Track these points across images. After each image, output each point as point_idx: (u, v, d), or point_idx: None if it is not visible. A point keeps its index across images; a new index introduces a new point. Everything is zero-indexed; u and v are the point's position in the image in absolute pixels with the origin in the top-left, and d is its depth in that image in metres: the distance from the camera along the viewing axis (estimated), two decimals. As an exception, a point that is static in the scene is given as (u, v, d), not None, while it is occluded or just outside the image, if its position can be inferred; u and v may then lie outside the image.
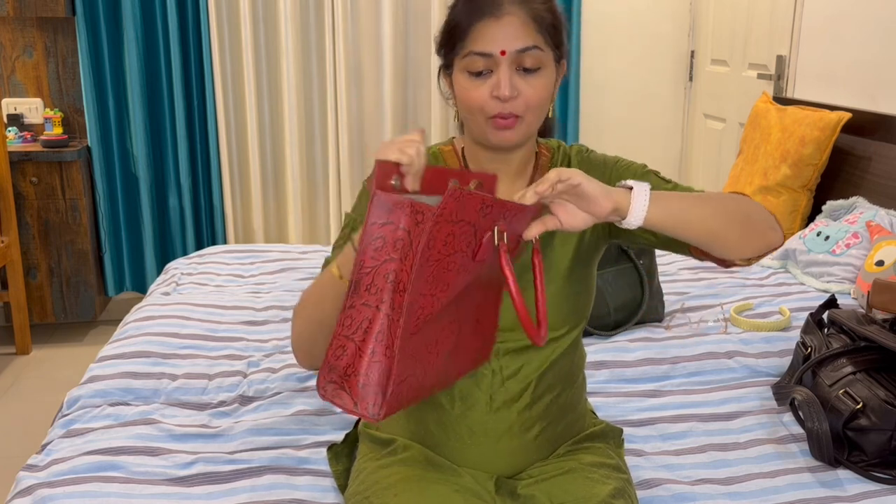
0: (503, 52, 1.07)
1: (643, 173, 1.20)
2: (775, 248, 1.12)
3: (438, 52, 1.17)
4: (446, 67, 1.16)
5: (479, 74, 1.09)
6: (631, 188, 1.00)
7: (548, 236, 1.18)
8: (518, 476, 1.21)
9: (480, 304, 1.01)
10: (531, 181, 1.22)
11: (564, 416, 1.24)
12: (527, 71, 1.09)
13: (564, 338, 1.21)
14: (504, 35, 1.07)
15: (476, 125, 1.13)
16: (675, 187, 1.17)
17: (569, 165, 1.24)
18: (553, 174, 0.95)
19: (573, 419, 1.27)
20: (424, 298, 0.91)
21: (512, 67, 1.08)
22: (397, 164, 0.94)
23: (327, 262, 1.15)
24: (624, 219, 0.99)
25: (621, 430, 1.36)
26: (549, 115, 1.18)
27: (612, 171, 1.21)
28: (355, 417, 1.53)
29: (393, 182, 0.94)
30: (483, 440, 1.19)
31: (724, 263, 1.12)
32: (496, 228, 0.94)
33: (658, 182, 1.18)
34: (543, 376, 1.20)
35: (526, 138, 1.15)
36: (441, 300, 0.92)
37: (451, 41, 1.12)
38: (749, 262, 1.11)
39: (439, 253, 0.90)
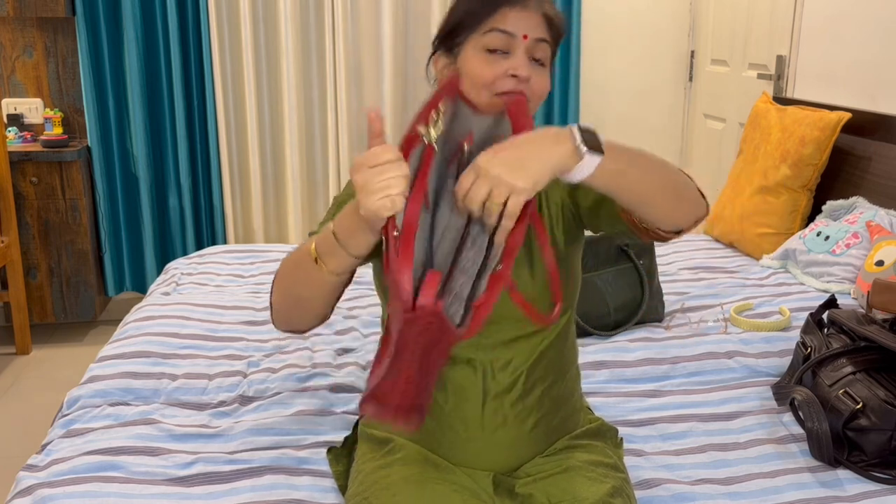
0: (525, 37, 1.11)
1: None
2: (702, 219, 1.12)
3: (442, 35, 1.18)
4: (450, 49, 1.17)
5: (493, 52, 1.12)
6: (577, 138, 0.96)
7: (531, 237, 1.19)
8: (516, 475, 1.22)
9: None
10: None
11: (558, 408, 1.25)
12: (536, 62, 1.13)
13: (551, 328, 1.22)
14: (527, 22, 1.12)
15: (479, 101, 1.13)
16: None
17: None
18: (468, 176, 0.94)
19: (568, 412, 1.27)
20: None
21: (527, 55, 1.12)
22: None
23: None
24: (580, 159, 0.95)
25: (617, 430, 1.36)
26: None
27: None
28: (355, 418, 1.53)
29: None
30: (478, 433, 1.20)
31: (657, 236, 1.10)
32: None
33: None
34: (534, 367, 1.21)
35: None
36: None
37: (469, 21, 1.14)
38: (679, 234, 1.10)
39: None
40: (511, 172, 0.92)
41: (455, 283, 0.98)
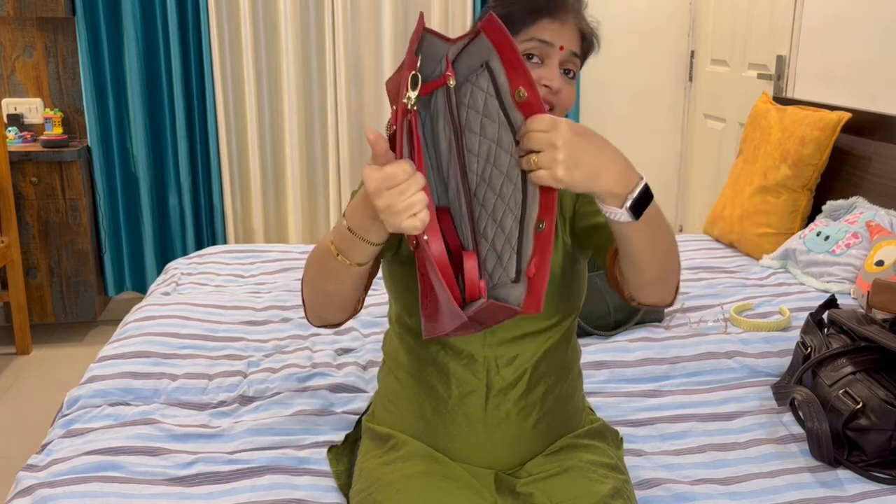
0: (562, 48, 1.12)
1: None
2: (664, 306, 1.12)
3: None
4: None
5: (529, 59, 1.12)
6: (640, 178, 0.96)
7: None
8: (517, 474, 1.22)
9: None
10: None
11: (561, 406, 1.25)
12: (566, 74, 1.14)
13: (557, 327, 1.23)
14: (564, 35, 1.13)
15: None
16: None
17: None
18: (544, 122, 0.90)
19: (570, 412, 1.28)
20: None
21: (560, 65, 1.13)
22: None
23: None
24: (619, 207, 0.95)
25: (618, 432, 1.37)
26: None
27: None
28: (356, 417, 1.53)
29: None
30: (481, 428, 1.20)
31: (619, 290, 1.12)
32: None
33: None
34: (538, 364, 1.21)
35: None
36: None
37: (509, 27, 1.13)
38: (640, 304, 1.11)
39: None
40: (570, 157, 0.89)
41: (487, 254, 0.95)
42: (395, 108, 0.96)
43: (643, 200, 0.95)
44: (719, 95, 3.55)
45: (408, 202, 0.89)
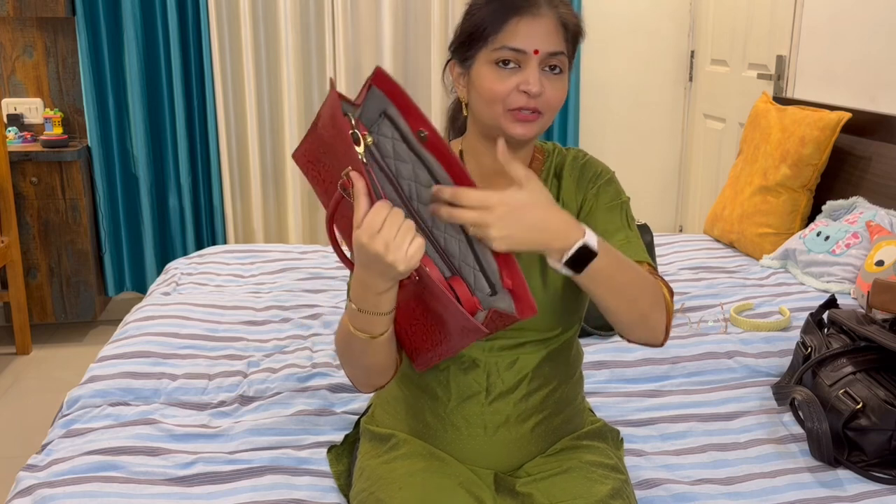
0: (536, 52, 1.10)
1: (609, 206, 1.21)
2: (652, 346, 1.15)
3: (456, 44, 1.18)
4: (464, 60, 1.16)
5: (505, 66, 1.11)
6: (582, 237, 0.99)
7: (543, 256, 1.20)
8: (516, 474, 1.22)
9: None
10: None
11: (561, 410, 1.25)
12: (551, 71, 1.12)
13: (558, 338, 1.22)
14: (538, 35, 1.10)
15: (492, 116, 1.13)
16: (632, 234, 1.20)
17: (561, 171, 1.25)
18: (474, 198, 0.96)
19: (570, 414, 1.27)
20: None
21: (540, 66, 1.11)
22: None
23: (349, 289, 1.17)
24: (558, 260, 1.00)
25: (619, 432, 1.36)
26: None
27: (593, 191, 1.22)
28: (356, 417, 1.53)
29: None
30: (479, 432, 1.20)
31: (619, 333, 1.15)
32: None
33: (620, 224, 1.20)
34: (540, 369, 1.21)
35: (537, 135, 1.16)
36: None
37: (480, 34, 1.13)
38: (630, 341, 1.15)
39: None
40: (503, 233, 0.95)
41: (465, 276, 1.02)
42: (336, 173, 0.99)
43: (581, 257, 0.99)
44: (719, 95, 3.55)
45: (402, 232, 0.93)
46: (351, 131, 0.96)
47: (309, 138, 1.01)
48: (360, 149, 0.96)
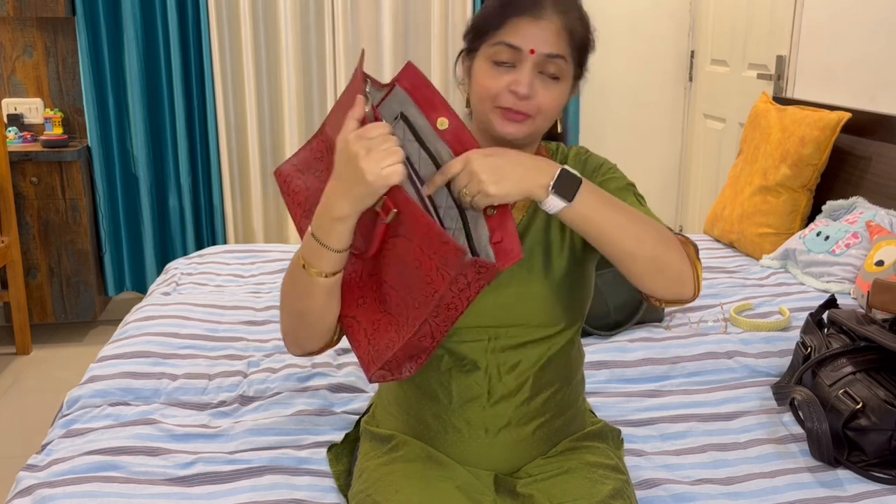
0: (532, 52, 1.09)
1: (619, 188, 1.20)
2: (686, 301, 1.11)
3: (466, 36, 1.18)
4: (469, 52, 1.17)
5: (501, 64, 1.11)
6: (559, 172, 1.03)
7: (549, 243, 1.19)
8: (517, 475, 1.22)
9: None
10: None
11: (562, 412, 1.25)
12: (547, 76, 1.11)
13: (560, 335, 1.22)
14: (538, 36, 1.09)
15: (483, 113, 1.14)
16: (643, 208, 1.18)
17: None
18: (457, 164, 1.02)
19: (571, 416, 1.27)
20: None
21: (535, 69, 1.10)
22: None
23: None
24: (546, 193, 1.02)
25: (619, 431, 1.36)
26: (559, 127, 1.22)
27: (598, 180, 1.22)
28: (356, 417, 1.53)
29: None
30: (481, 434, 1.20)
31: (652, 300, 1.12)
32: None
33: (632, 201, 1.18)
34: (542, 372, 1.20)
35: (530, 138, 1.16)
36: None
37: (484, 28, 1.13)
38: (659, 303, 1.11)
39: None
40: (489, 177, 0.99)
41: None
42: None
43: (566, 182, 1.01)
44: (719, 95, 3.55)
45: (386, 148, 0.95)
46: (366, 91, 1.01)
47: (305, 148, 1.05)
48: (367, 109, 1.00)
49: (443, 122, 1.04)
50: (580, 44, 1.14)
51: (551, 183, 1.01)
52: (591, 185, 1.04)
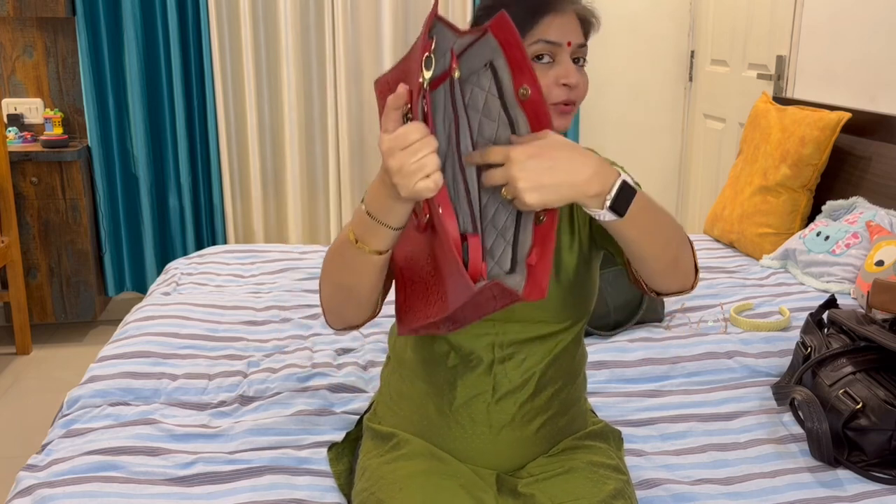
0: (569, 44, 1.11)
1: None
2: (686, 292, 1.12)
3: None
4: None
5: (539, 59, 1.11)
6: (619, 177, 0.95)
7: (559, 241, 1.19)
8: (519, 474, 1.22)
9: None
10: None
11: (565, 411, 1.25)
12: (577, 63, 1.14)
13: (567, 332, 1.22)
14: (569, 28, 1.12)
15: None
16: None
17: None
18: (497, 155, 0.92)
19: (574, 415, 1.28)
20: None
21: (572, 59, 1.12)
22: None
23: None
24: (601, 208, 0.94)
25: (620, 432, 1.37)
26: None
27: None
28: (356, 417, 1.53)
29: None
30: (484, 430, 1.20)
31: (639, 286, 1.12)
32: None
33: None
34: (546, 369, 1.21)
35: (568, 128, 1.17)
36: None
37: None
38: (663, 295, 1.11)
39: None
40: (530, 182, 0.90)
41: (490, 242, 0.97)
42: (415, 83, 0.94)
43: (624, 196, 0.94)
44: (719, 95, 3.55)
45: (420, 163, 0.88)
46: (426, 55, 0.91)
47: (398, 67, 0.97)
48: (427, 74, 0.91)
49: (525, 91, 0.93)
50: (589, 30, 1.18)
51: (609, 197, 0.93)
52: (642, 192, 0.98)
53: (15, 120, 3.34)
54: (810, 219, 2.59)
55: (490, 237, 0.98)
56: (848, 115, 2.46)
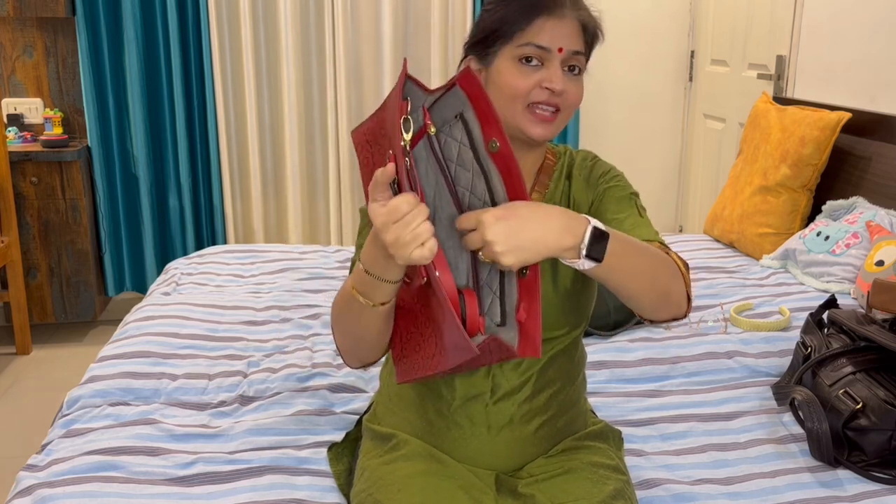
0: (560, 50, 1.11)
1: (621, 197, 1.21)
2: (679, 319, 1.13)
3: (476, 40, 1.18)
4: (483, 57, 1.16)
5: (527, 64, 1.11)
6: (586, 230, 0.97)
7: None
8: (518, 475, 1.22)
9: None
10: (535, 185, 1.23)
11: (564, 412, 1.25)
12: (571, 71, 1.13)
13: (564, 337, 1.22)
14: (563, 34, 1.11)
15: (511, 114, 1.13)
16: (641, 219, 1.19)
17: (570, 173, 1.25)
18: (469, 222, 0.96)
19: (573, 416, 1.28)
20: None
21: (561, 66, 1.12)
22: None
23: (353, 264, 1.17)
24: (578, 258, 0.98)
25: (620, 432, 1.37)
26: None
27: (603, 187, 1.22)
28: (356, 417, 1.53)
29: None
30: (483, 431, 1.20)
31: (645, 319, 1.13)
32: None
33: (630, 211, 1.19)
34: (544, 370, 1.21)
35: (553, 136, 1.16)
36: None
37: (504, 30, 1.13)
38: (655, 324, 1.13)
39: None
40: (504, 245, 0.93)
41: (483, 297, 1.00)
42: (397, 148, 0.97)
43: (598, 242, 0.97)
44: (719, 95, 3.55)
45: (414, 233, 0.90)
46: (403, 117, 0.93)
47: (374, 118, 0.99)
48: (407, 136, 0.94)
49: (494, 144, 0.97)
50: (592, 38, 1.17)
51: (584, 246, 0.97)
52: (616, 235, 1.00)
53: (15, 120, 3.34)
54: (810, 219, 2.58)
55: (484, 293, 1.01)
56: (848, 115, 2.46)
